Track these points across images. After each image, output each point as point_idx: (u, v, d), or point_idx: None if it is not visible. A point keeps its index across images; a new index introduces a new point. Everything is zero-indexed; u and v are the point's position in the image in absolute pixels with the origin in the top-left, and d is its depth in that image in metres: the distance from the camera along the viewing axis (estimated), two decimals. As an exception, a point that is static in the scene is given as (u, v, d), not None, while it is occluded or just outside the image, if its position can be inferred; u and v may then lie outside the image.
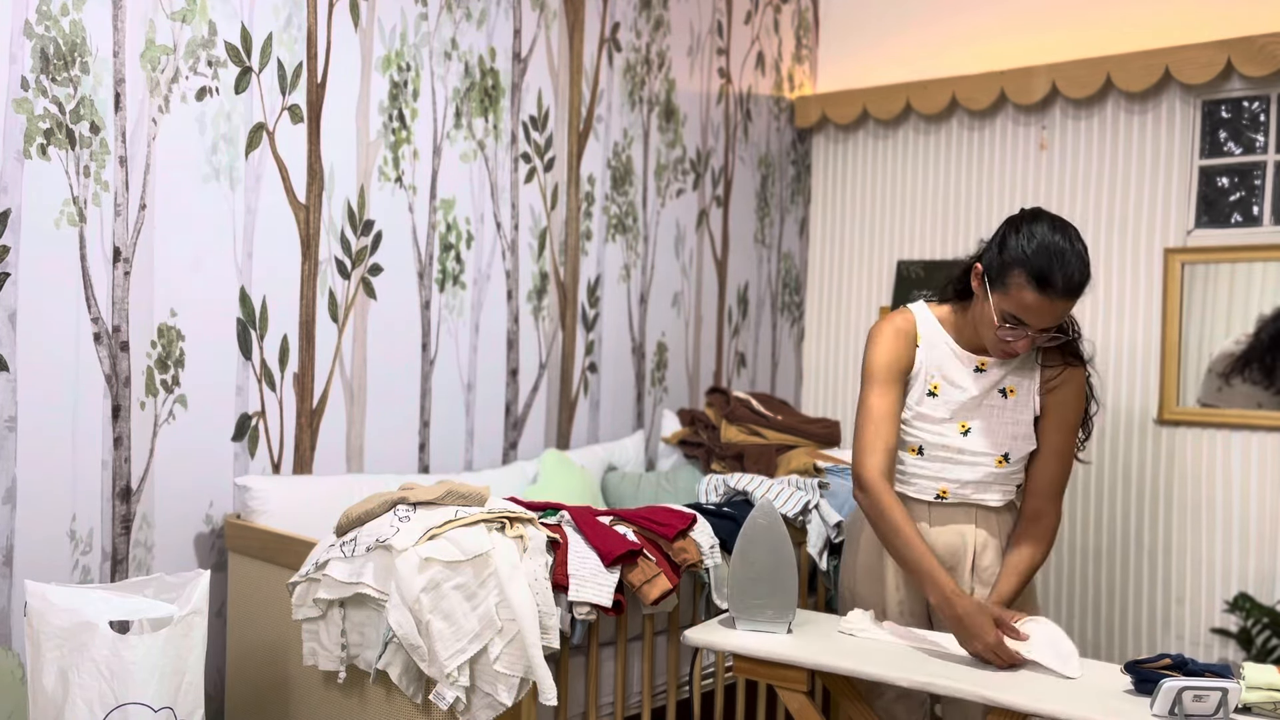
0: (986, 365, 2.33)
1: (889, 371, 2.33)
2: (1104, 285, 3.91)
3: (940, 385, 2.35)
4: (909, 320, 2.38)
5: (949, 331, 2.37)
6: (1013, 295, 2.16)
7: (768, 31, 4.41)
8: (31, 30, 2.30)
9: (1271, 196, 3.63)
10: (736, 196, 4.28)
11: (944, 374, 2.35)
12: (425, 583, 2.13)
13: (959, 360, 2.35)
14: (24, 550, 2.34)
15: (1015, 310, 2.16)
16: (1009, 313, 2.17)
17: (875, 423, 2.31)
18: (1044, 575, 4.02)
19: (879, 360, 2.34)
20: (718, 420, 3.66)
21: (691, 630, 2.26)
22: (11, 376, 2.31)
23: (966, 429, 2.34)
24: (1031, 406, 2.33)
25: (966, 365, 2.34)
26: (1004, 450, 2.33)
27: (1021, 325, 2.17)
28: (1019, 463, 2.35)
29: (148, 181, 2.53)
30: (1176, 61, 3.65)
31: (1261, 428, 3.61)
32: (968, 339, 2.34)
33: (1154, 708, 1.81)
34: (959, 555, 2.37)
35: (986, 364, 2.33)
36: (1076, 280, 2.13)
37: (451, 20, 3.17)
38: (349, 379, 2.96)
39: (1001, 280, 2.18)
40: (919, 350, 2.36)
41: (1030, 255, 2.13)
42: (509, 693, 2.12)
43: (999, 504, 2.37)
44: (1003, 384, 2.33)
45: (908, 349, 2.35)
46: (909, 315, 2.39)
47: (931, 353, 2.36)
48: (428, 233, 3.14)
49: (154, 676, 1.97)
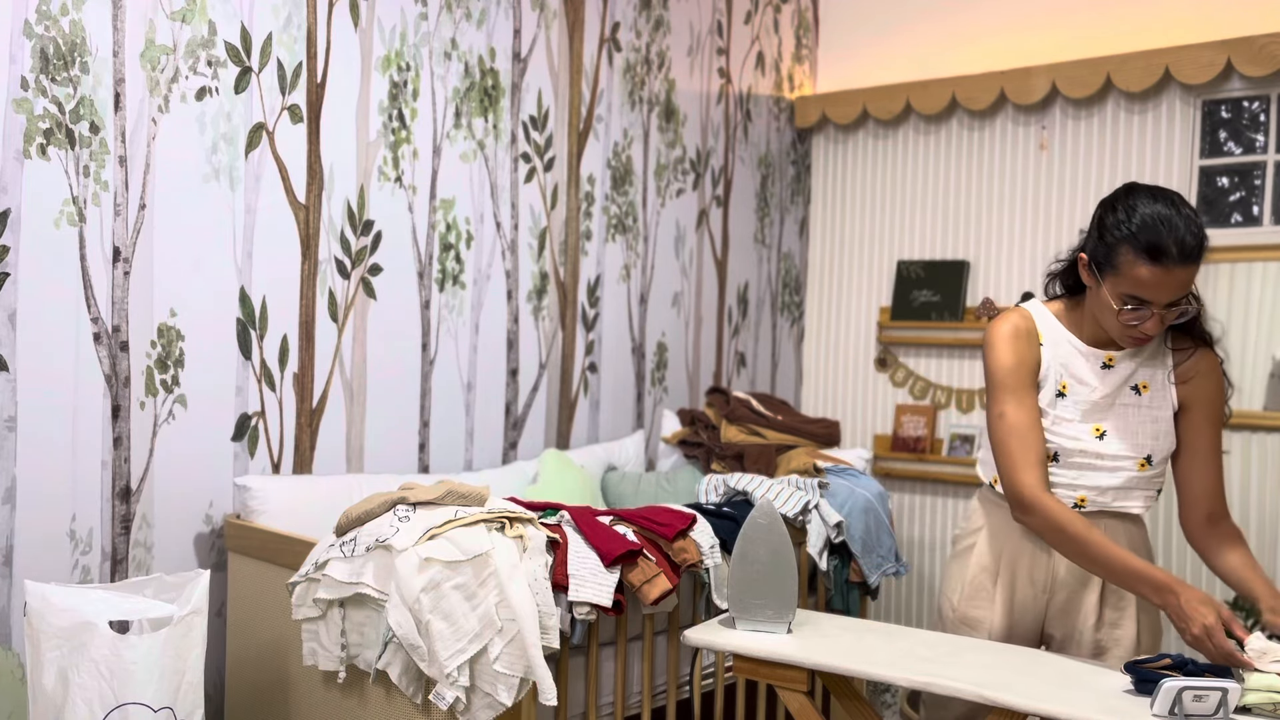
0: (1115, 360, 2.19)
1: (1018, 375, 2.18)
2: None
3: (1069, 385, 2.20)
4: (1027, 318, 2.24)
5: (1069, 328, 2.23)
6: (1126, 275, 2.04)
7: (768, 31, 4.41)
8: (31, 30, 2.30)
9: (1271, 196, 3.63)
10: (736, 196, 4.28)
11: (1071, 372, 2.20)
12: (425, 583, 2.13)
13: (1084, 357, 2.20)
14: (24, 550, 2.34)
15: (1133, 289, 2.04)
16: (1127, 294, 2.05)
17: (1019, 435, 2.14)
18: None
19: (1004, 364, 2.18)
20: (718, 420, 3.66)
21: (692, 630, 2.26)
22: (11, 376, 2.31)
23: (1101, 432, 2.19)
24: (1169, 401, 2.19)
25: (1093, 362, 2.20)
26: (1146, 452, 2.18)
27: (1144, 304, 2.04)
28: (1162, 464, 2.21)
29: (147, 181, 2.53)
30: (1176, 61, 3.65)
31: (1262, 428, 3.61)
32: (1089, 334, 2.21)
33: (1154, 708, 1.81)
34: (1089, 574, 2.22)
35: (1114, 359, 2.19)
36: (1191, 244, 2.00)
37: (451, 20, 3.17)
38: (349, 379, 2.96)
39: (1111, 263, 2.07)
40: (1043, 349, 2.21)
41: (1135, 229, 2.02)
42: (509, 693, 2.12)
43: (1141, 510, 2.23)
44: (1134, 379, 2.19)
45: (1031, 348, 2.20)
46: (1025, 312, 2.25)
47: (1056, 350, 2.21)
48: (427, 233, 3.13)
49: (154, 676, 1.97)
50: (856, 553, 2.99)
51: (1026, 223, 4.08)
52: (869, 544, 3.04)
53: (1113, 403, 2.20)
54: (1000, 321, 2.24)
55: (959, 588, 2.36)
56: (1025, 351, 2.19)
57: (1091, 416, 2.19)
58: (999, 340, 2.20)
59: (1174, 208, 2.04)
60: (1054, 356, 2.22)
